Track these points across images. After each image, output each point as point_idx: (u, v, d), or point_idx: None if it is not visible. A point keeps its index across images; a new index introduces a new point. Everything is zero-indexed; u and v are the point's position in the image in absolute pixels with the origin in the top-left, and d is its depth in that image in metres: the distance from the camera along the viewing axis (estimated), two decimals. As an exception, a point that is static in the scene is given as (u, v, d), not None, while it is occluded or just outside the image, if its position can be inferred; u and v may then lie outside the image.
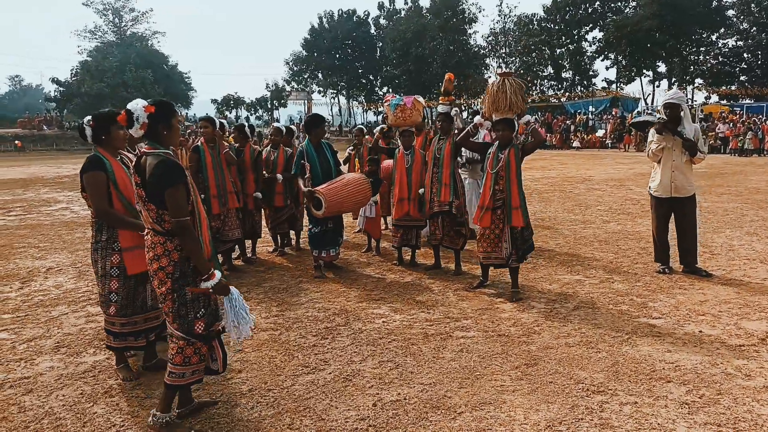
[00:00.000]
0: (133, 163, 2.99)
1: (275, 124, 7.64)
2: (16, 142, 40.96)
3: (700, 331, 4.24)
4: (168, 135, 2.97)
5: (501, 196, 5.03)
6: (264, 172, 6.92)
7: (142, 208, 2.93)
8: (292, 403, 3.31)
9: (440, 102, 5.99)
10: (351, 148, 8.20)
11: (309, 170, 5.79)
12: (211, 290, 2.92)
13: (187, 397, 3.20)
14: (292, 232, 7.56)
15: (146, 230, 3.00)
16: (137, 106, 2.93)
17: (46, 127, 46.97)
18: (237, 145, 6.73)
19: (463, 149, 6.22)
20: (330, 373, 3.69)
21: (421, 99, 6.36)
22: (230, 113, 55.27)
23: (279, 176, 6.88)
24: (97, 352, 4.13)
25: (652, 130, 5.81)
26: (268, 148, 7.26)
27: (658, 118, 5.84)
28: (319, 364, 3.84)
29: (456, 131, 6.11)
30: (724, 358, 3.77)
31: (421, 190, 6.06)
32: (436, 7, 52.90)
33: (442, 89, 6.02)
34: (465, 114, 41.70)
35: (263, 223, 7.14)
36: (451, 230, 5.96)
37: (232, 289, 3.02)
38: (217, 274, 2.93)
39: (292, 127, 8.10)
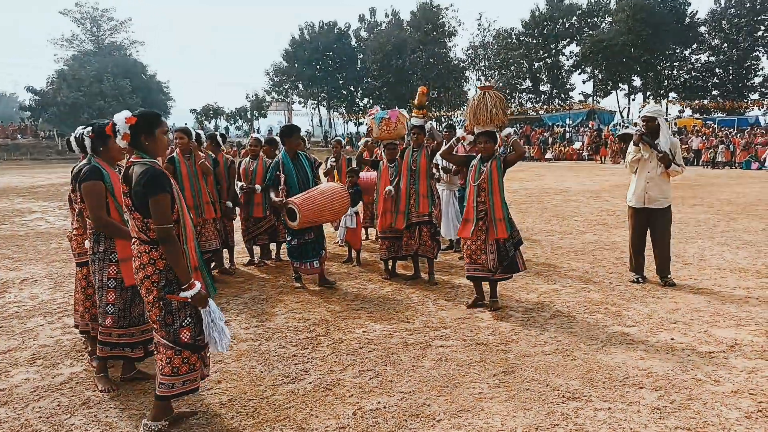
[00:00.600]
0: (122, 173, 3.03)
1: (254, 135, 7.62)
2: (-10, 151, 40.17)
3: (672, 339, 4.35)
4: (151, 145, 2.99)
5: (483, 208, 5.07)
6: (243, 182, 6.92)
7: (129, 216, 2.97)
8: (272, 412, 3.32)
9: (414, 115, 6.05)
10: (333, 159, 8.20)
11: (284, 181, 5.75)
12: (189, 299, 2.92)
13: (167, 407, 3.18)
14: (272, 245, 7.54)
15: (132, 239, 3.02)
16: (120, 117, 2.98)
17: (20, 136, 46.21)
18: (213, 155, 6.71)
19: (438, 160, 6.31)
20: (310, 383, 3.71)
21: (404, 112, 6.42)
22: (209, 123, 54.96)
23: (257, 187, 6.86)
24: (74, 364, 4.09)
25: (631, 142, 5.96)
26: (248, 159, 7.25)
27: (636, 130, 5.99)
28: (299, 374, 3.86)
29: (430, 144, 6.20)
30: (694, 364, 3.88)
31: (388, 188, 6.05)
32: (417, 21, 53.50)
33: (416, 102, 6.08)
34: (441, 126, 41.97)
35: (238, 234, 7.12)
36: (429, 239, 6.02)
37: (211, 302, 3.03)
38: (197, 284, 2.94)
39: (276, 138, 8.04)
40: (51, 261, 7.61)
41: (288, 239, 5.90)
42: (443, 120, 54.66)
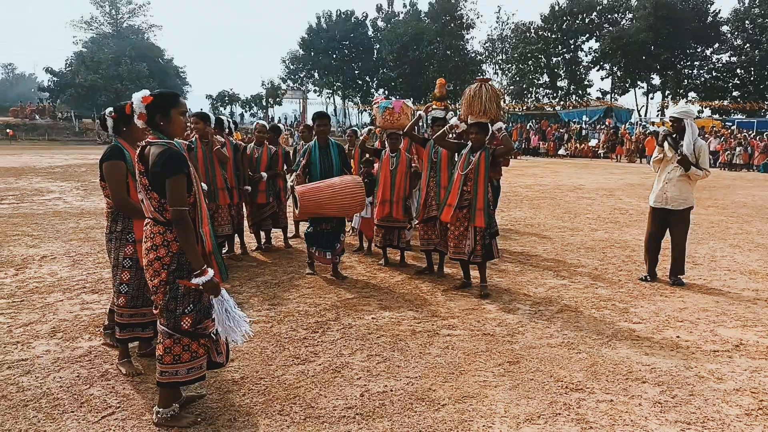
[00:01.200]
0: (137, 153, 2.99)
1: (260, 122, 7.69)
2: (8, 130, 40.70)
3: (678, 337, 4.40)
4: (166, 125, 2.95)
5: (468, 197, 5.27)
6: (247, 169, 6.93)
7: (144, 196, 2.94)
8: (282, 391, 3.43)
9: (435, 107, 6.12)
10: (349, 149, 8.27)
11: (308, 169, 5.78)
12: (201, 287, 2.89)
13: (176, 392, 3.17)
14: (275, 231, 7.58)
15: (146, 220, 3.00)
16: (137, 96, 2.97)
17: (38, 116, 46.70)
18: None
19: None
20: (320, 365, 3.81)
21: (409, 103, 6.48)
22: (225, 109, 55.22)
23: (263, 174, 6.96)
24: (92, 338, 4.23)
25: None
26: (252, 145, 7.27)
27: (663, 130, 5.99)
28: (309, 355, 3.97)
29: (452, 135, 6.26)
30: (698, 362, 3.94)
31: (416, 191, 6.18)
32: (434, 12, 53.25)
33: (437, 94, 6.15)
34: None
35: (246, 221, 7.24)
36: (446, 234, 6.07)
37: (223, 291, 3.00)
38: (210, 271, 2.89)
39: (279, 125, 8.13)
40: (69, 239, 7.78)
41: (307, 226, 5.99)
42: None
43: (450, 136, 5.65)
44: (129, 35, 57.50)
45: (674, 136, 5.76)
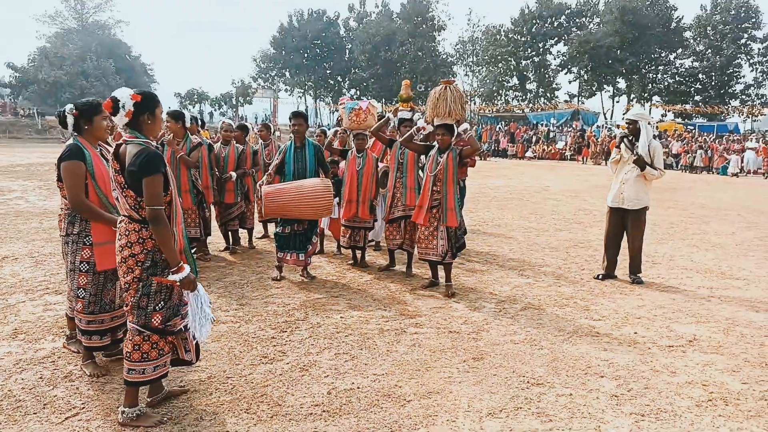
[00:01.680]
0: (112, 151, 3.00)
1: (226, 120, 7.64)
2: (-33, 127, 39.40)
3: (635, 333, 4.57)
4: (151, 125, 3.00)
5: (438, 197, 5.37)
6: (215, 169, 6.87)
7: (120, 194, 2.94)
8: (249, 390, 3.46)
9: (401, 108, 6.20)
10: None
11: (281, 169, 5.76)
12: (178, 283, 2.93)
13: (157, 386, 3.24)
14: (242, 231, 7.55)
15: (120, 218, 3.02)
16: (124, 93, 2.94)
17: (-1, 113, 45.33)
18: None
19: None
20: (287, 364, 3.85)
21: (375, 103, 6.56)
22: (193, 108, 54.43)
23: (233, 174, 6.93)
24: (55, 339, 4.18)
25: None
26: (219, 144, 7.18)
27: (620, 132, 6.20)
28: (277, 355, 3.99)
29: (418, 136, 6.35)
30: (654, 356, 4.10)
31: (383, 191, 6.24)
32: (407, 13, 53.45)
33: (402, 96, 6.23)
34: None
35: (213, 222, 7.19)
36: (415, 234, 6.03)
37: (199, 287, 3.06)
38: (186, 267, 2.94)
39: (247, 124, 8.11)
40: (32, 239, 7.63)
41: (277, 227, 5.88)
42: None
43: (417, 138, 5.74)
44: (95, 31, 56.20)
45: (630, 138, 5.98)
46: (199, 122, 7.19)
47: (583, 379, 3.70)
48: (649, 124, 6.03)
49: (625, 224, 6.09)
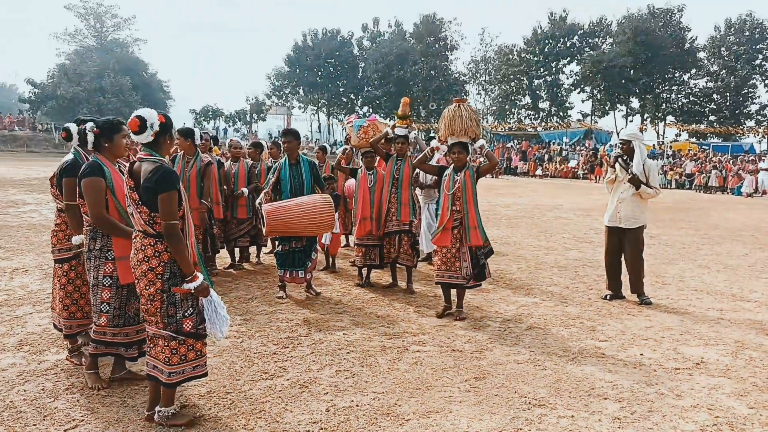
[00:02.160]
0: (127, 169, 3.15)
1: (233, 138, 7.76)
2: (-13, 141, 40.15)
3: (641, 354, 4.50)
4: (168, 145, 3.21)
5: (458, 216, 5.23)
6: (224, 186, 6.91)
7: (134, 210, 3.08)
8: (248, 406, 3.45)
9: (398, 125, 6.20)
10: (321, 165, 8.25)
11: (277, 187, 5.74)
12: (192, 291, 3.04)
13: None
14: (253, 248, 7.55)
15: (135, 233, 3.15)
16: (151, 114, 3.08)
17: (18, 128, 46.16)
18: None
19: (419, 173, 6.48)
20: (287, 380, 3.84)
21: (382, 120, 6.59)
22: (208, 124, 55.09)
23: (244, 190, 6.98)
24: (59, 351, 4.21)
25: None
26: (228, 162, 7.22)
27: (616, 152, 6.20)
28: (277, 371, 3.99)
29: (414, 153, 6.38)
30: (659, 379, 4.03)
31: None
32: (419, 33, 53.93)
33: (400, 113, 6.25)
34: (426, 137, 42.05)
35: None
36: (410, 249, 6.19)
37: (212, 292, 3.16)
38: (200, 276, 3.07)
39: (261, 141, 8.16)
40: (42, 252, 7.71)
41: (277, 244, 5.87)
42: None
43: (431, 159, 5.76)
44: (113, 48, 57.26)
45: (624, 157, 5.98)
46: (215, 140, 7.28)
47: (586, 400, 3.65)
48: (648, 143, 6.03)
49: (622, 244, 6.04)
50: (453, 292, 5.44)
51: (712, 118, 46.77)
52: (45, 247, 8.09)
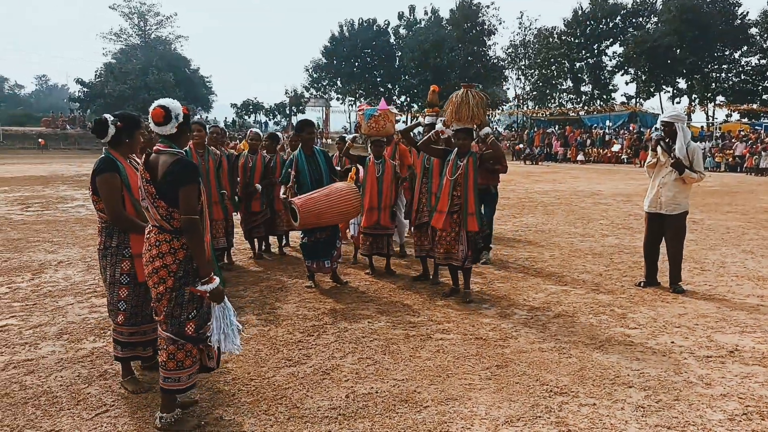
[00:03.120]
0: (143, 161, 3.04)
1: (254, 129, 7.69)
2: (40, 140, 41.96)
3: (672, 342, 4.38)
4: (187, 137, 3.19)
5: (458, 202, 5.30)
6: (238, 178, 6.95)
7: (150, 204, 2.97)
8: (271, 392, 3.53)
9: (426, 113, 6.17)
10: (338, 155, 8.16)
11: (296, 179, 5.72)
12: (207, 294, 2.96)
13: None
14: (272, 238, 7.59)
15: (149, 228, 3.05)
16: (175, 105, 3.02)
17: (69, 126, 48.01)
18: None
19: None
20: (310, 367, 3.91)
21: (394, 110, 6.53)
22: (249, 118, 56.03)
23: (258, 187, 6.93)
24: (96, 340, 4.40)
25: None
26: (246, 153, 7.25)
27: (656, 135, 5.99)
28: (301, 358, 4.06)
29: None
30: (689, 367, 3.92)
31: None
32: (456, 18, 53.28)
33: (428, 101, 6.21)
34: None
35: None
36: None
37: (225, 299, 3.06)
38: (216, 279, 2.97)
39: (278, 133, 8.12)
40: (87, 245, 8.04)
41: (301, 236, 5.94)
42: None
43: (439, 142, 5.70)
44: (156, 46, 58.90)
45: (666, 140, 5.75)
46: (224, 131, 7.34)
47: (609, 389, 3.58)
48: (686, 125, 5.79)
49: (664, 230, 5.84)
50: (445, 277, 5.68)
51: (765, 96, 44.61)
52: (89, 240, 8.43)
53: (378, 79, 57.98)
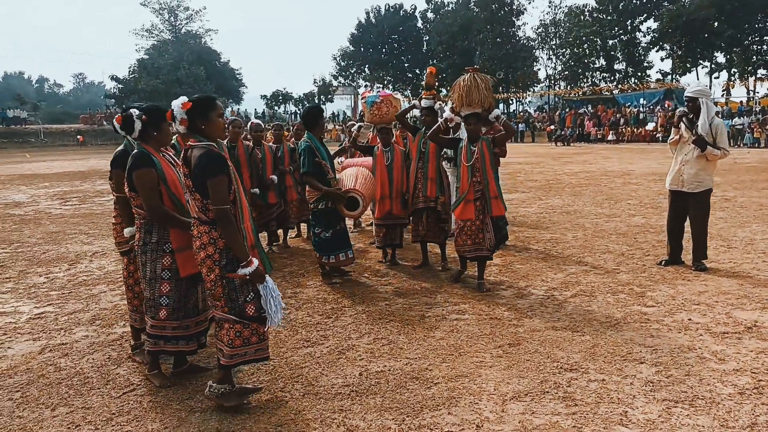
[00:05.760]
0: (182, 156, 3.13)
1: (254, 120, 7.46)
2: (78, 137, 43.29)
3: (689, 319, 4.36)
4: (207, 128, 3.11)
5: (479, 188, 5.17)
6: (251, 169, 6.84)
7: (190, 198, 3.08)
8: (288, 371, 3.68)
9: (423, 96, 6.07)
10: (346, 140, 8.03)
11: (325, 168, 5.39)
12: (247, 276, 3.03)
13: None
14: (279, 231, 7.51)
15: (192, 220, 3.16)
16: (176, 103, 3.10)
17: (106, 122, 49.31)
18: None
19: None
20: (327, 347, 4.04)
21: (398, 95, 6.36)
22: (279, 108, 56.58)
23: (274, 178, 6.80)
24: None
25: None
26: (251, 145, 6.99)
27: (680, 111, 5.89)
28: (319, 339, 4.20)
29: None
30: (704, 343, 3.91)
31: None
32: (484, 0, 52.49)
33: (425, 83, 6.15)
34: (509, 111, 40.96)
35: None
36: (435, 226, 5.94)
37: (267, 278, 3.13)
38: (255, 261, 3.03)
39: (282, 123, 8.10)
40: (120, 236, 8.34)
41: (318, 232, 5.50)
42: (511, 102, 53.66)
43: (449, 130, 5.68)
44: (187, 40, 59.88)
45: (690, 116, 5.64)
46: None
47: (620, 365, 3.61)
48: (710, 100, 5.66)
49: (687, 208, 5.75)
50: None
51: (811, 68, 42.77)
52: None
53: (405, 65, 57.79)
